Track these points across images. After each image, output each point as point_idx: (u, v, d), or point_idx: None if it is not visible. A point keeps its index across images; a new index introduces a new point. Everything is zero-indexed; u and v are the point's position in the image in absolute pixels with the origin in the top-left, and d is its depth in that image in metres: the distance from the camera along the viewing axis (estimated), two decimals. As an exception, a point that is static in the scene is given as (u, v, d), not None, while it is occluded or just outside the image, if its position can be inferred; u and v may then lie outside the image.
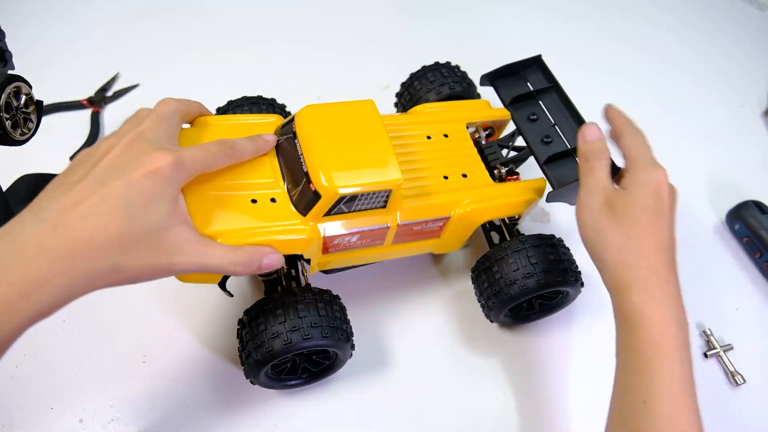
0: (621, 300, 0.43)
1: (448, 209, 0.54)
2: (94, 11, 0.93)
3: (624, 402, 0.42)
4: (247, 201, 0.46)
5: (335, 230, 0.49)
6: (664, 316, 0.41)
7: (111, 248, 0.34)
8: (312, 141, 0.47)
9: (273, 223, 0.46)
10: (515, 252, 0.54)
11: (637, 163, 0.48)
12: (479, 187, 0.55)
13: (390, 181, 0.47)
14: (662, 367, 0.40)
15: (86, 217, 0.34)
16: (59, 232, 0.33)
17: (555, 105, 0.61)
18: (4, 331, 0.32)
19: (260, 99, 0.63)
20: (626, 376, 0.42)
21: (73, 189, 0.35)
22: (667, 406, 0.39)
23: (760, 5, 1.01)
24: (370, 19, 0.94)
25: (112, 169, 0.36)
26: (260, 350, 0.48)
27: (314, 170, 0.46)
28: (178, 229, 0.38)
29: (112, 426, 0.55)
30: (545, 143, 0.58)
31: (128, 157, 0.37)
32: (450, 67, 0.67)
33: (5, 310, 0.31)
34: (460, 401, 0.57)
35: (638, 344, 0.41)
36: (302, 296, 0.49)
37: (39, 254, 0.32)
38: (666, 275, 0.43)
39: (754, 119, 0.84)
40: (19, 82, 0.55)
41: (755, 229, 0.67)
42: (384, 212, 0.50)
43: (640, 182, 0.46)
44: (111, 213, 0.34)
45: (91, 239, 0.33)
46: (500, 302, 0.54)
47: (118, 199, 0.35)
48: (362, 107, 0.51)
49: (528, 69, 0.64)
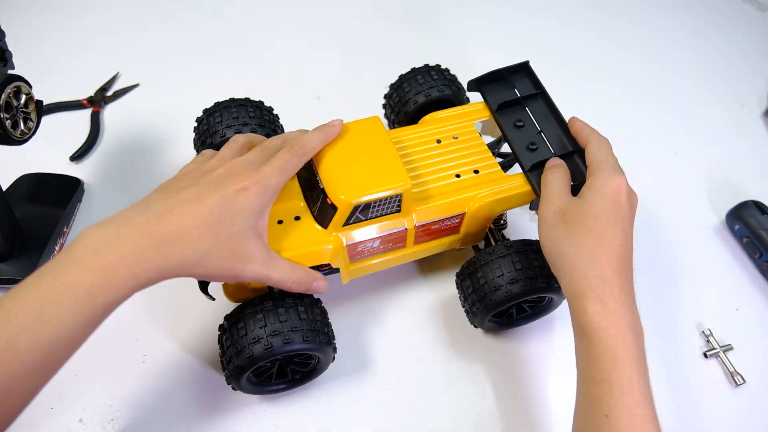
0: (577, 310, 0.43)
1: (462, 206, 0.56)
2: (94, 12, 0.93)
3: (588, 414, 0.42)
4: (274, 223, 0.51)
5: (356, 238, 0.53)
6: (618, 326, 0.42)
7: (200, 244, 0.41)
8: (325, 160, 0.52)
9: (300, 239, 0.51)
10: (500, 258, 0.54)
11: (597, 170, 0.49)
12: (491, 180, 0.57)
13: (398, 186, 0.50)
14: (621, 378, 0.40)
15: (186, 215, 0.41)
16: (163, 222, 0.40)
17: (541, 112, 0.61)
18: (108, 296, 0.38)
19: (248, 101, 0.63)
20: (587, 387, 0.43)
21: (179, 194, 0.43)
22: (628, 419, 0.40)
23: (759, 6, 1.01)
24: (370, 20, 0.94)
25: (213, 183, 0.44)
26: (241, 355, 0.48)
27: (329, 186, 0.50)
28: (255, 241, 0.44)
29: (112, 426, 0.55)
30: (530, 150, 0.58)
31: (228, 176, 0.44)
32: (439, 69, 0.67)
33: (110, 276, 0.38)
34: (447, 405, 0.57)
35: (596, 355, 0.42)
36: (282, 300, 0.50)
37: (144, 236, 0.39)
38: (620, 283, 0.43)
39: (753, 119, 0.85)
40: (19, 81, 0.55)
41: (755, 229, 0.67)
42: (400, 216, 0.53)
43: (597, 189, 0.47)
44: (205, 217, 0.41)
45: (187, 233, 0.40)
46: (485, 308, 0.54)
47: (213, 207, 0.42)
48: (369, 124, 0.54)
49: (515, 75, 0.63)
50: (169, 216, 0.41)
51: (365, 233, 0.53)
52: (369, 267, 0.57)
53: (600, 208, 0.46)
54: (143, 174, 0.73)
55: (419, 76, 0.66)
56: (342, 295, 0.63)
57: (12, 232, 0.61)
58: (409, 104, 0.65)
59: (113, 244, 0.38)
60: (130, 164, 0.74)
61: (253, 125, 0.61)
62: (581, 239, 0.45)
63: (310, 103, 0.82)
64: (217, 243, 0.42)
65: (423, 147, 0.59)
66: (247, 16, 0.93)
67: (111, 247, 0.38)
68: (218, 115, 0.61)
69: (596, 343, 0.42)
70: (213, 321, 0.60)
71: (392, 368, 0.59)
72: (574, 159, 0.56)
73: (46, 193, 0.68)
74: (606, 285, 0.43)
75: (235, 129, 0.60)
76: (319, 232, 0.52)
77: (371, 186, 0.50)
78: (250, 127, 0.61)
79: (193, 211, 0.41)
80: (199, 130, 0.63)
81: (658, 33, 0.96)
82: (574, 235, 0.45)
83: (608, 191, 0.47)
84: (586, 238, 0.44)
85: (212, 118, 0.62)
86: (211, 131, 0.61)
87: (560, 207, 0.47)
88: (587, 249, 0.44)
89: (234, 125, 0.61)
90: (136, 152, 0.76)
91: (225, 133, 0.60)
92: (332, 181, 0.50)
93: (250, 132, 0.61)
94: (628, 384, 0.40)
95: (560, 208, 0.47)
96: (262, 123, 0.62)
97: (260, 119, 0.62)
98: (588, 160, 0.51)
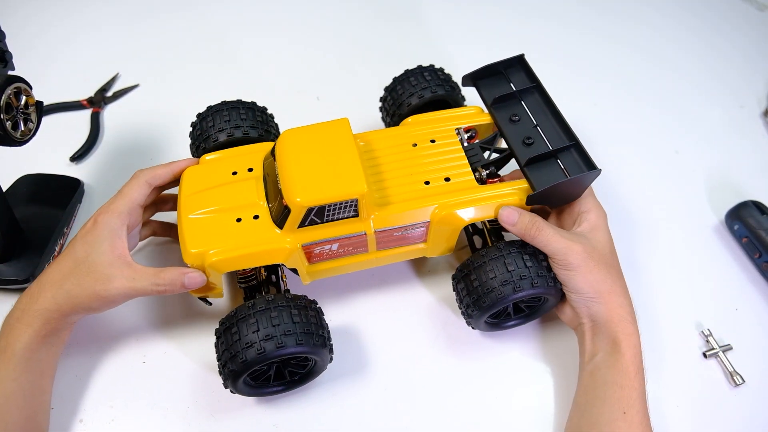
0: (615, 331, 0.52)
1: (425, 214, 0.54)
2: (94, 12, 0.93)
3: (602, 411, 0.50)
4: (232, 220, 0.53)
5: (311, 239, 0.52)
6: (637, 342, 0.52)
7: (65, 284, 0.50)
8: (287, 161, 0.52)
9: (253, 237, 0.52)
10: (492, 259, 0.53)
11: (586, 201, 0.57)
12: (461, 190, 0.55)
13: (353, 191, 0.50)
14: (640, 384, 0.50)
15: (51, 267, 0.52)
16: (38, 280, 0.52)
17: (537, 105, 0.60)
18: (15, 348, 0.49)
19: (239, 103, 0.63)
20: (608, 390, 0.50)
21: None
22: (640, 416, 0.49)
23: (759, 5, 1.01)
24: (369, 21, 0.94)
25: (74, 239, 0.53)
26: (235, 360, 0.48)
27: (285, 187, 0.50)
28: (114, 262, 0.51)
29: (112, 426, 0.55)
30: (527, 145, 0.57)
31: (83, 229, 0.53)
32: (433, 70, 0.66)
33: (10, 333, 0.50)
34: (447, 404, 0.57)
35: (625, 365, 0.50)
36: (275, 303, 0.50)
37: (25, 296, 0.52)
38: (631, 308, 0.54)
39: (753, 119, 0.84)
40: (20, 82, 0.55)
41: (754, 229, 0.67)
42: (357, 221, 0.53)
43: (599, 227, 0.55)
44: (65, 263, 0.51)
45: (53, 279, 0.51)
46: (480, 310, 0.54)
47: (71, 252, 0.52)
48: (337, 126, 0.54)
49: (510, 69, 0.63)
50: (41, 275, 0.52)
51: (320, 236, 0.52)
52: (331, 270, 0.57)
53: (609, 244, 0.55)
54: (143, 174, 0.73)
55: (412, 78, 0.65)
56: (341, 295, 0.63)
57: (12, 233, 0.61)
58: (402, 107, 0.65)
59: (11, 311, 0.52)
60: (130, 165, 0.74)
61: (245, 127, 0.61)
62: (610, 275, 0.54)
63: (310, 103, 0.82)
64: (80, 277, 0.50)
65: (396, 150, 0.58)
66: (246, 17, 0.93)
67: (10, 313, 0.52)
68: (210, 119, 0.61)
69: (627, 356, 0.50)
70: (213, 321, 0.60)
71: (392, 368, 0.59)
72: (571, 152, 0.56)
73: (46, 193, 0.68)
74: (630, 309, 0.53)
75: (227, 132, 0.60)
76: (274, 233, 0.52)
77: (326, 189, 0.49)
78: (242, 129, 0.61)
79: (56, 262, 0.52)
80: (193, 135, 0.63)
81: (658, 33, 0.96)
82: (605, 274, 0.53)
83: (605, 224, 0.56)
84: (612, 274, 0.54)
85: (205, 123, 0.62)
86: (204, 136, 0.61)
87: (581, 252, 0.52)
88: (617, 282, 0.54)
89: (226, 128, 0.60)
90: (136, 153, 0.76)
91: (218, 137, 0.60)
92: (289, 183, 0.50)
93: (242, 134, 0.61)
94: (641, 389, 0.50)
95: (582, 253, 0.52)
96: (255, 124, 0.62)
97: (252, 120, 0.62)
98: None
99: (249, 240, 0.51)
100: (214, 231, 0.52)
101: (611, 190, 0.72)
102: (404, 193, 0.55)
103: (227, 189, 0.54)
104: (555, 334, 0.62)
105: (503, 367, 0.60)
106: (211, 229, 0.52)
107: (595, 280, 0.52)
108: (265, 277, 0.58)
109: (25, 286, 0.61)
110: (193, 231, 0.52)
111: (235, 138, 0.60)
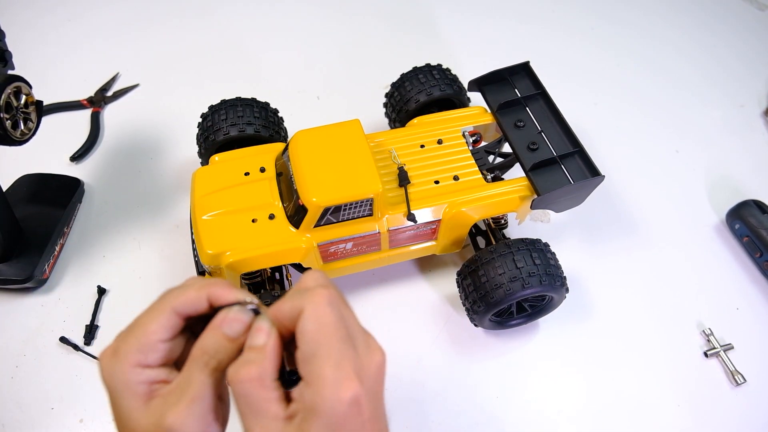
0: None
1: (437, 212, 0.55)
2: (95, 12, 0.93)
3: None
4: (248, 221, 0.53)
5: (327, 239, 0.53)
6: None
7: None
8: (301, 162, 0.52)
9: (270, 237, 0.52)
10: (501, 256, 0.54)
11: (318, 368, 0.31)
12: (470, 188, 0.56)
13: (369, 190, 0.51)
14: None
15: None
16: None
17: (542, 112, 0.60)
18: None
19: (254, 101, 0.64)
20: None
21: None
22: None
23: (760, 5, 1.01)
24: (369, 22, 0.94)
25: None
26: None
27: (301, 187, 0.51)
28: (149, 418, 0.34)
29: (112, 426, 0.54)
30: (531, 150, 0.58)
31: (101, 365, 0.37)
32: (441, 69, 0.67)
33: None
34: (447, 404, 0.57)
35: None
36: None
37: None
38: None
39: (754, 119, 0.84)
40: (19, 82, 0.55)
41: (755, 228, 0.67)
42: (372, 220, 0.53)
43: (323, 413, 0.30)
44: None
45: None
46: (486, 306, 0.54)
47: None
48: (349, 127, 0.55)
49: (516, 75, 0.63)
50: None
51: (336, 234, 0.53)
52: (344, 269, 0.58)
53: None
54: (143, 174, 0.73)
55: (421, 75, 0.66)
56: (342, 293, 0.63)
57: (12, 233, 0.61)
58: (410, 103, 0.65)
59: None
60: (130, 164, 0.74)
61: (257, 125, 0.61)
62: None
63: (310, 103, 0.82)
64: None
65: (405, 151, 0.59)
66: (246, 17, 0.93)
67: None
68: (223, 113, 0.61)
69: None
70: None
71: (392, 368, 0.59)
72: (575, 158, 0.56)
73: (46, 193, 0.68)
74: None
75: (238, 128, 0.60)
76: (290, 232, 0.52)
77: (342, 189, 0.50)
78: (255, 126, 0.61)
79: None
80: (203, 126, 0.63)
81: (658, 33, 0.96)
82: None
83: (338, 414, 0.29)
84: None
85: (217, 115, 0.62)
86: (214, 128, 0.61)
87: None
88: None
89: (238, 123, 0.61)
90: (136, 152, 0.76)
91: (228, 131, 0.60)
92: (305, 183, 0.51)
93: (253, 131, 0.60)
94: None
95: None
96: (267, 124, 0.62)
97: (265, 120, 0.62)
98: (299, 341, 0.31)
99: (265, 240, 0.52)
100: (229, 232, 0.52)
101: (612, 190, 0.72)
102: (415, 193, 0.56)
103: (241, 189, 0.55)
104: (556, 334, 0.61)
105: (504, 365, 0.60)
106: (226, 229, 0.53)
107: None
108: (269, 274, 0.58)
109: (25, 285, 0.61)
110: (208, 232, 0.52)
111: (245, 135, 0.61)
